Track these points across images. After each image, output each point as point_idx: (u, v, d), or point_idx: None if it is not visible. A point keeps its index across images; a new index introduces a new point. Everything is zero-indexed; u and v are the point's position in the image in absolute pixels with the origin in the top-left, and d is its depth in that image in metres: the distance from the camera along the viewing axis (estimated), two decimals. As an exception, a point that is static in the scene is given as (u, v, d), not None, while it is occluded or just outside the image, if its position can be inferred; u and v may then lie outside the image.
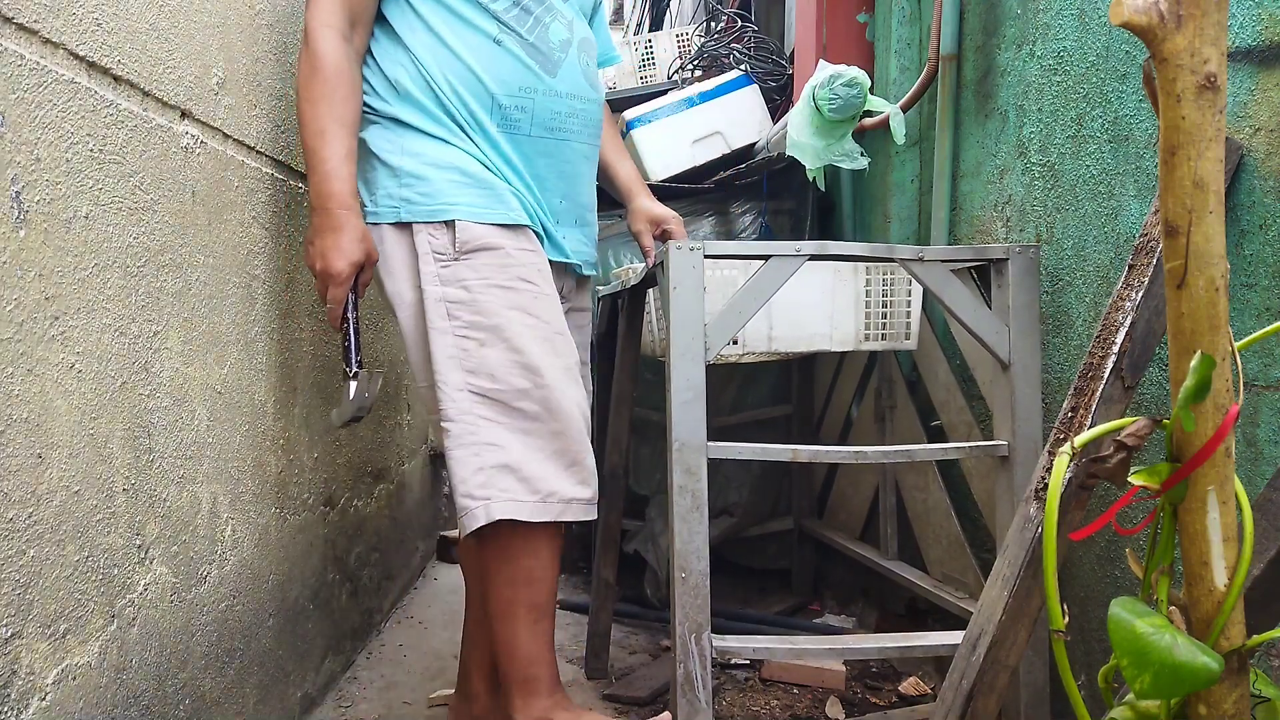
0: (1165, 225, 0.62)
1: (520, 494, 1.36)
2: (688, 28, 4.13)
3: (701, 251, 1.42)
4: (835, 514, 2.40)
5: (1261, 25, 1.12)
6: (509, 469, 1.36)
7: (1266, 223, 1.11)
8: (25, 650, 0.90)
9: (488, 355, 1.37)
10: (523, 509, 1.35)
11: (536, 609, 1.40)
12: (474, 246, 1.39)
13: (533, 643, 1.40)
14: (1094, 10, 1.45)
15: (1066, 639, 0.70)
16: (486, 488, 1.35)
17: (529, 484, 1.36)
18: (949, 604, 1.72)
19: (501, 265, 1.40)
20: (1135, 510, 1.34)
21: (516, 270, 1.40)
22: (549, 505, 1.37)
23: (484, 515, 1.35)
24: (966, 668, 1.13)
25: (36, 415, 0.92)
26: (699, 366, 1.41)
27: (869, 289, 1.73)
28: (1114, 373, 1.14)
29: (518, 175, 1.46)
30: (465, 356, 1.37)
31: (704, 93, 2.74)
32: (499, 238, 1.40)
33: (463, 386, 1.37)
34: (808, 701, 1.83)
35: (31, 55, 0.91)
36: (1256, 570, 0.90)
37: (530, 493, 1.36)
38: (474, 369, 1.37)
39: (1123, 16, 0.60)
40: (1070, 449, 0.74)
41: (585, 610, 2.33)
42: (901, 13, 2.11)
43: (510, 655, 1.40)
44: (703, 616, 1.39)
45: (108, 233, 1.04)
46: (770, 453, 1.53)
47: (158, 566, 1.16)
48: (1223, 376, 0.62)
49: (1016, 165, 1.67)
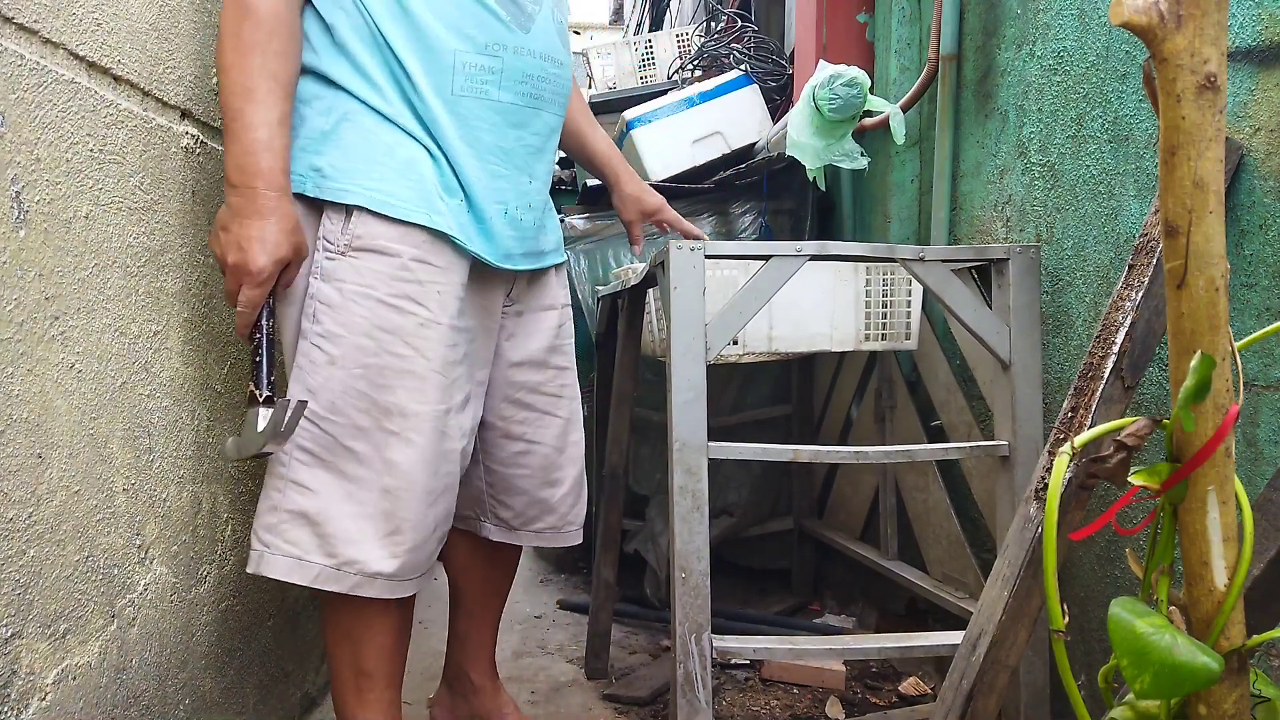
0: (1165, 225, 0.62)
1: (310, 553, 1.16)
2: (688, 28, 4.13)
3: (702, 251, 1.42)
4: (835, 514, 2.40)
5: (1261, 25, 1.12)
6: (307, 520, 1.17)
7: (1266, 223, 1.11)
8: (25, 650, 0.90)
9: (333, 377, 1.16)
10: (304, 572, 1.16)
11: (362, 675, 1.24)
12: (364, 245, 1.17)
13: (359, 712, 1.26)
14: (1094, 10, 1.45)
15: (1066, 639, 0.70)
16: (272, 532, 1.17)
17: (326, 544, 1.16)
18: (949, 604, 1.72)
19: (391, 276, 1.18)
20: (1135, 510, 1.34)
21: (408, 287, 1.18)
22: (342, 575, 1.17)
23: (253, 564, 1.18)
24: (966, 668, 1.13)
25: (36, 415, 0.92)
26: (699, 366, 1.41)
27: (869, 289, 1.73)
28: (1114, 373, 1.14)
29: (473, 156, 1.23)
30: (309, 370, 1.17)
31: (704, 93, 2.74)
32: (400, 243, 1.18)
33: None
34: (808, 701, 1.83)
35: (31, 55, 0.91)
36: (1256, 570, 0.90)
37: (325, 555, 1.16)
38: (314, 388, 1.17)
39: (1123, 16, 0.60)
40: (1070, 449, 0.73)
41: (585, 610, 2.33)
42: (901, 13, 2.11)
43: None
44: (703, 617, 1.39)
45: (108, 233, 1.04)
46: (771, 453, 1.53)
47: (158, 566, 1.16)
48: (1223, 376, 0.62)
49: (1016, 165, 1.67)
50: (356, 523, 1.17)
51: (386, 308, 1.18)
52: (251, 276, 1.11)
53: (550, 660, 2.08)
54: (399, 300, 1.18)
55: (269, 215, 1.11)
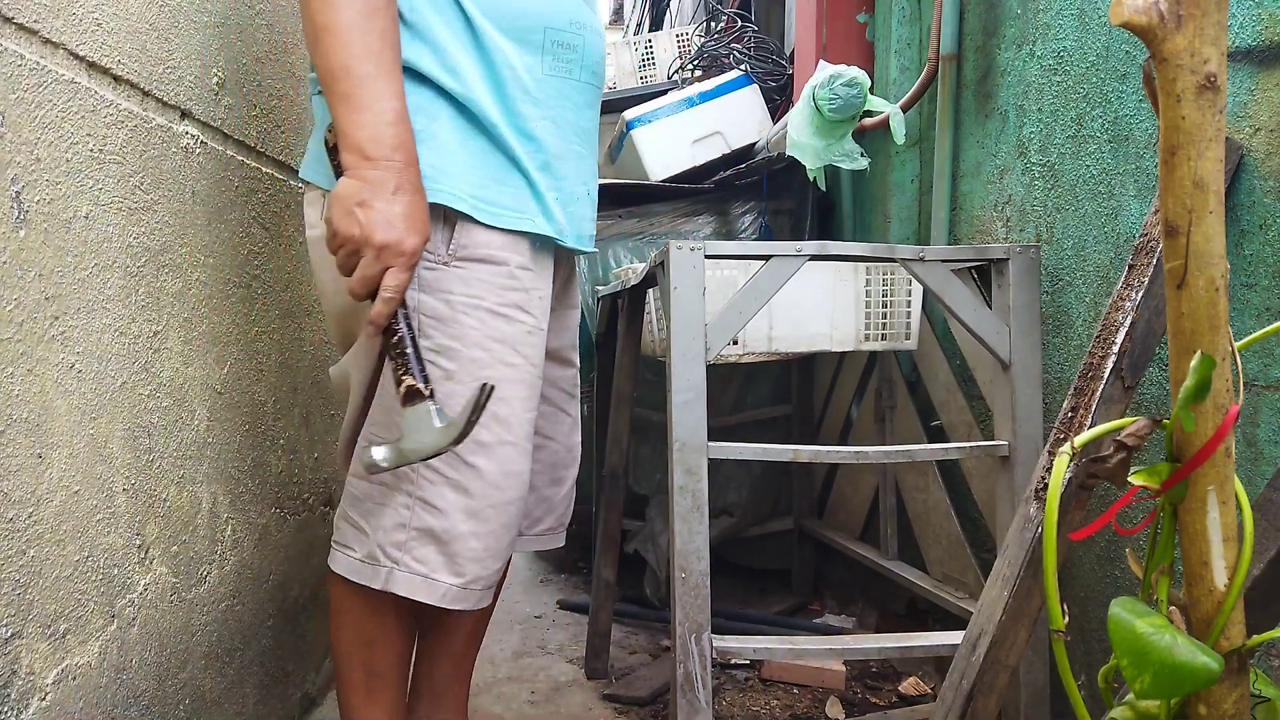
0: (1165, 225, 0.62)
1: (438, 571, 1.14)
2: (688, 28, 4.13)
3: (702, 252, 1.42)
4: (835, 514, 2.40)
5: (1261, 25, 1.12)
6: (435, 539, 1.14)
7: (1266, 223, 1.11)
8: (25, 650, 0.90)
9: (453, 392, 1.11)
10: (432, 591, 1.14)
11: (374, 676, 1.22)
12: (472, 255, 1.12)
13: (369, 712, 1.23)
14: (1094, 10, 1.45)
15: (1066, 639, 0.70)
16: (401, 550, 1.14)
17: (453, 564, 1.14)
18: (949, 604, 1.72)
19: (500, 286, 1.14)
20: (1135, 510, 1.34)
21: (516, 296, 1.15)
22: (468, 593, 1.16)
23: (382, 581, 1.15)
24: (966, 668, 1.13)
25: (36, 415, 0.92)
26: (699, 367, 1.41)
27: (869, 289, 1.73)
28: (1114, 373, 1.14)
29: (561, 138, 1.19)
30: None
31: (704, 93, 2.74)
32: (506, 250, 1.14)
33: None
34: (808, 701, 1.83)
35: (31, 55, 0.91)
36: (1256, 570, 0.90)
37: (452, 574, 1.14)
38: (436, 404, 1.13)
39: (1123, 16, 0.60)
40: (1070, 449, 0.74)
41: (585, 610, 2.33)
42: (901, 13, 2.11)
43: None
44: (703, 617, 1.39)
45: (108, 233, 1.04)
46: (771, 453, 1.53)
47: (158, 566, 1.16)
48: (1223, 376, 0.62)
49: (1016, 165, 1.67)
50: (481, 540, 1.15)
51: (497, 317, 1.14)
52: (405, 257, 1.02)
53: (550, 660, 2.08)
54: (508, 309, 1.15)
55: (415, 191, 1.02)
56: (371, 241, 1.00)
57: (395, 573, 1.14)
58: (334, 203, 1.02)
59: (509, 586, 2.64)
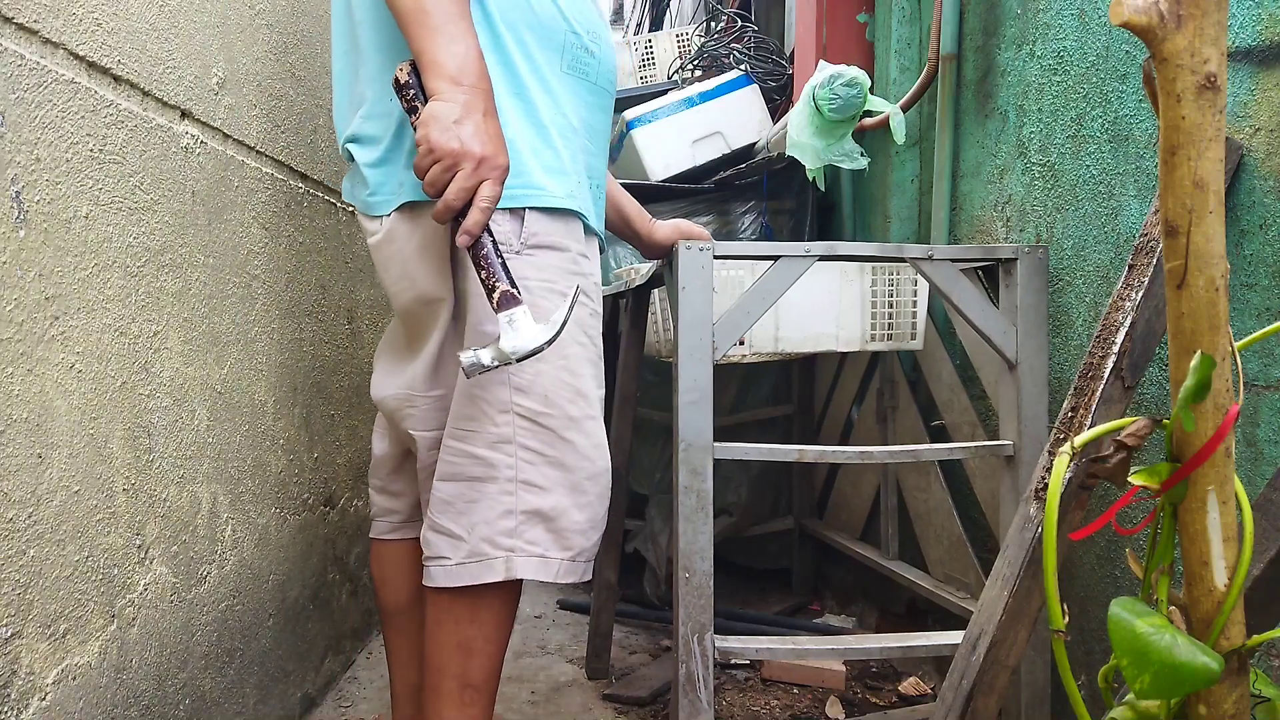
0: (1165, 225, 0.62)
1: (550, 549, 1.18)
2: (688, 28, 4.13)
3: (711, 252, 1.42)
4: (836, 514, 2.40)
5: (1261, 25, 1.12)
6: (543, 517, 1.18)
7: (1266, 223, 1.11)
8: (25, 650, 0.90)
9: (542, 372, 1.16)
10: (548, 568, 1.18)
11: (469, 688, 1.21)
12: (541, 242, 1.18)
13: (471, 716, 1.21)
14: (1094, 10, 1.45)
15: (1066, 639, 0.70)
16: (513, 536, 1.16)
17: (562, 538, 1.18)
18: (949, 604, 1.72)
19: (568, 270, 1.20)
20: (1135, 510, 1.34)
21: (579, 280, 1.21)
22: (576, 565, 1.20)
23: (503, 570, 1.16)
24: (966, 668, 1.13)
25: (36, 415, 0.92)
26: (706, 367, 1.41)
27: (875, 289, 1.73)
28: (1114, 373, 1.14)
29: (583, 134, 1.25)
30: (515, 370, 1.16)
31: (704, 93, 2.74)
32: (568, 238, 1.21)
33: (508, 407, 1.17)
34: (808, 701, 1.83)
35: (31, 55, 0.91)
36: (1256, 570, 0.90)
37: (562, 548, 1.18)
38: (524, 386, 1.17)
39: (1123, 16, 0.59)
40: (1070, 449, 0.73)
41: (585, 610, 2.34)
42: (901, 13, 2.11)
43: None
44: (706, 617, 1.39)
45: (108, 233, 1.04)
46: (776, 453, 1.53)
47: (158, 566, 1.16)
48: (1223, 376, 0.62)
49: (1016, 165, 1.67)
50: (583, 512, 1.20)
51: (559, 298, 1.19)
52: (500, 170, 1.07)
53: (550, 660, 2.08)
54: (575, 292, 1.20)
55: (496, 116, 1.08)
56: (471, 154, 1.05)
57: (514, 559, 1.17)
58: (430, 122, 1.05)
59: (509, 586, 2.64)
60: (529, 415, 1.17)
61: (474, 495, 1.18)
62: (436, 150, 1.05)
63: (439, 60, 1.06)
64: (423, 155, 1.06)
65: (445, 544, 1.19)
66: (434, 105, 1.05)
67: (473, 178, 1.05)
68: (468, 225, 1.07)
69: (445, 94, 1.05)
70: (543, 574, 1.18)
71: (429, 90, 1.07)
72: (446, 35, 1.06)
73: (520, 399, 1.17)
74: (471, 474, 1.18)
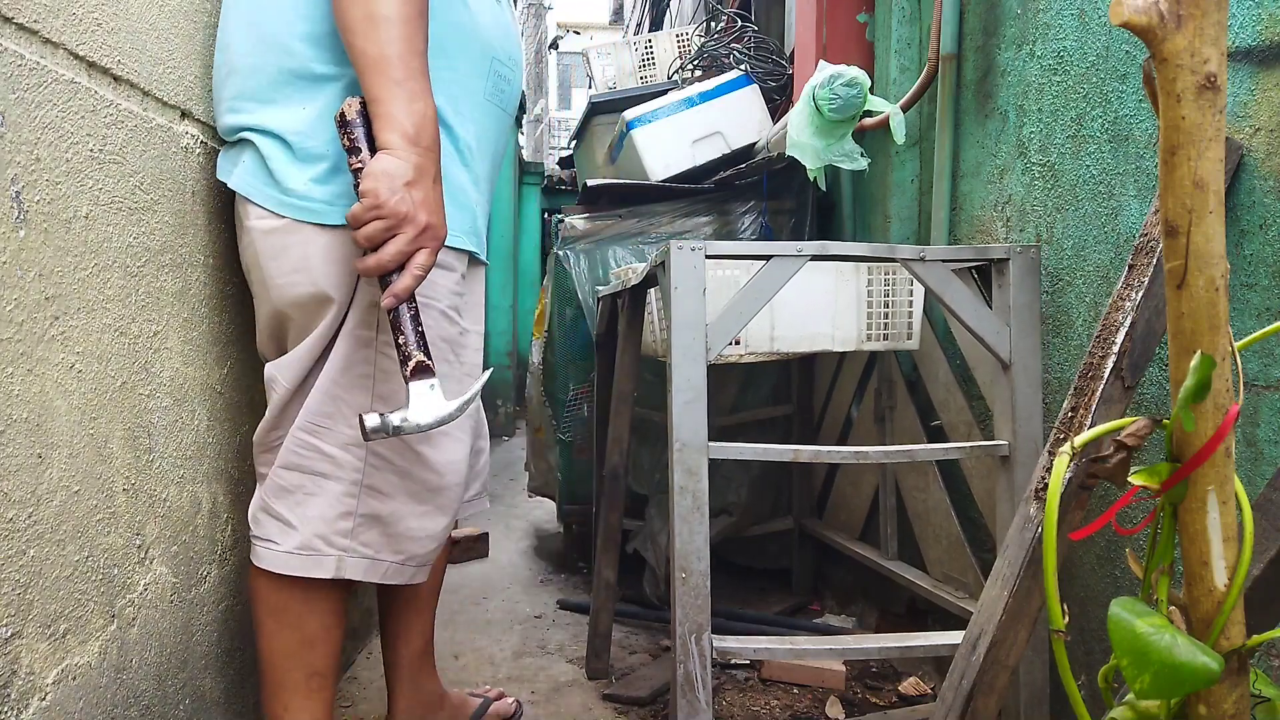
0: (1165, 225, 0.62)
1: (382, 551, 1.22)
2: (688, 28, 4.13)
3: (703, 251, 1.42)
4: (835, 514, 2.40)
5: (1261, 25, 1.12)
6: (380, 521, 1.22)
7: (1266, 223, 1.11)
8: (25, 650, 0.90)
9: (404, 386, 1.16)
10: (376, 569, 1.23)
11: (315, 675, 1.24)
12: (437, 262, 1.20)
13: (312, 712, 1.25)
14: (1094, 10, 1.45)
15: (1066, 639, 0.70)
16: (348, 537, 1.20)
17: (395, 542, 1.23)
18: (949, 604, 1.72)
19: (449, 290, 1.24)
20: (1135, 510, 1.34)
21: (458, 301, 1.27)
22: (404, 569, 1.25)
23: (334, 569, 1.20)
24: (966, 668, 1.13)
25: (36, 415, 0.92)
26: (700, 367, 1.41)
27: (871, 289, 1.73)
28: (1114, 373, 1.14)
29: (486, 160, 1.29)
30: (380, 379, 1.18)
31: (704, 93, 2.74)
32: (455, 259, 1.25)
33: (366, 409, 1.18)
34: (808, 701, 1.83)
35: (31, 55, 0.91)
36: (1256, 570, 0.90)
37: (393, 552, 1.23)
38: (386, 396, 1.19)
39: (1123, 16, 0.60)
40: (1070, 449, 0.74)
41: (585, 610, 2.34)
42: (901, 13, 2.11)
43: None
44: (703, 617, 1.39)
45: (108, 233, 1.04)
46: (772, 453, 1.53)
47: (158, 566, 1.16)
48: (1223, 376, 0.62)
49: (1016, 165, 1.67)
50: (419, 520, 1.24)
51: (444, 319, 1.24)
52: (438, 242, 1.09)
53: (550, 660, 2.08)
54: (452, 312, 1.26)
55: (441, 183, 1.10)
56: (417, 221, 1.05)
57: (346, 559, 1.20)
58: (382, 177, 1.04)
59: (509, 586, 2.65)
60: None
61: (314, 490, 1.20)
62: (384, 209, 1.04)
63: (396, 116, 1.05)
64: (366, 208, 1.04)
65: (276, 528, 1.21)
66: (387, 160, 1.04)
67: (413, 244, 1.06)
68: (397, 289, 1.07)
69: (399, 151, 1.05)
70: (371, 575, 1.22)
71: (381, 141, 1.06)
72: (408, 92, 1.05)
73: (380, 406, 1.18)
74: (317, 469, 1.19)
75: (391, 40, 1.05)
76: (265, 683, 1.26)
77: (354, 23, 1.06)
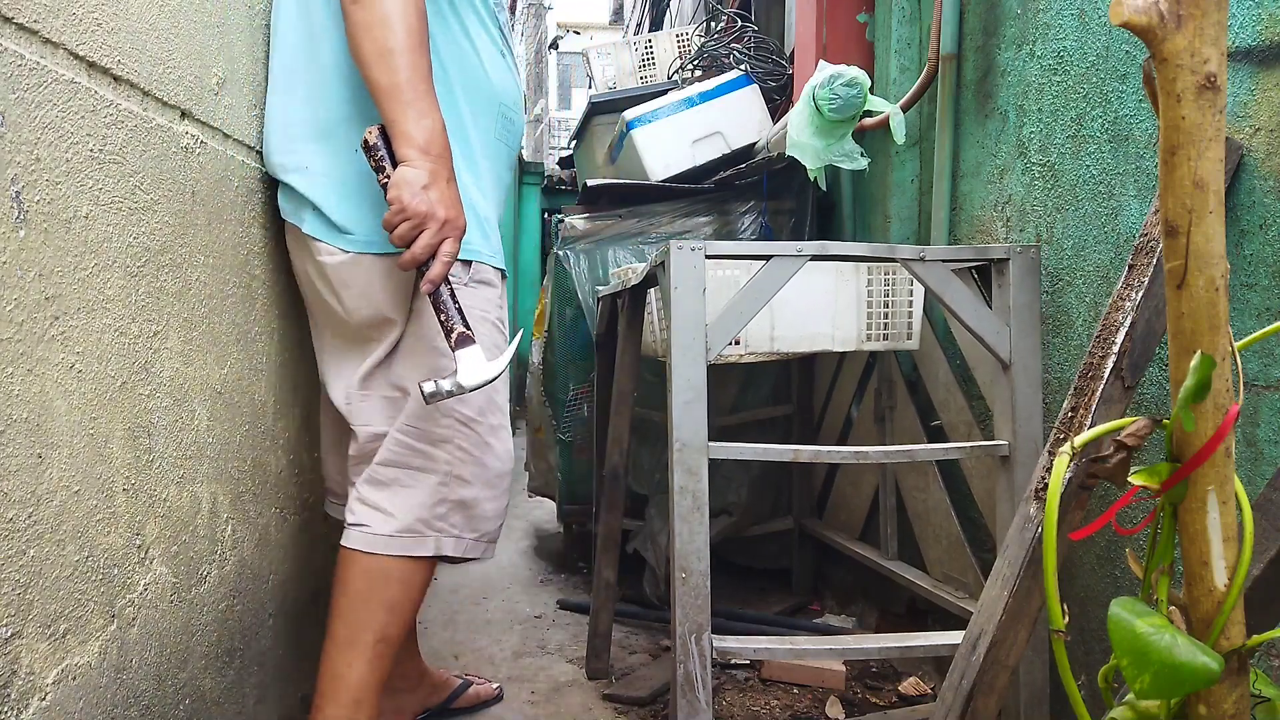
0: (1165, 225, 0.62)
1: (464, 531, 1.41)
2: (688, 28, 4.13)
3: (703, 252, 1.42)
4: (835, 514, 2.40)
5: (1261, 25, 1.12)
6: (464, 506, 1.40)
7: (1266, 223, 1.11)
8: (25, 650, 0.90)
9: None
10: (459, 546, 1.41)
11: (384, 641, 1.37)
12: (482, 279, 1.43)
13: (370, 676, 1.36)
14: (1094, 10, 1.45)
15: (1066, 639, 0.70)
16: (443, 521, 1.39)
17: (473, 523, 1.42)
18: (949, 604, 1.72)
19: (494, 304, 1.46)
20: (1135, 510, 1.34)
21: (500, 313, 1.47)
22: (478, 544, 1.44)
23: (434, 548, 1.38)
24: (966, 668, 1.13)
25: (36, 415, 0.92)
26: (700, 367, 1.41)
27: (871, 289, 1.73)
28: (1114, 373, 1.14)
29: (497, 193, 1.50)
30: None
31: (704, 93, 2.74)
32: (495, 279, 1.47)
33: (451, 413, 1.38)
34: (808, 701, 1.83)
35: (31, 55, 0.91)
36: (1256, 570, 0.90)
37: (472, 531, 1.42)
38: (465, 399, 1.38)
39: (1123, 16, 0.60)
40: (1070, 449, 0.74)
41: (585, 610, 2.34)
42: (901, 13, 2.11)
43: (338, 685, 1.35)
44: (703, 617, 1.39)
45: (108, 233, 1.04)
46: (771, 453, 1.53)
47: (158, 566, 1.16)
48: (1223, 376, 0.62)
49: (1016, 165, 1.67)
50: (491, 503, 1.44)
51: (496, 330, 1.45)
52: (459, 231, 1.27)
53: (550, 660, 2.08)
54: (498, 323, 1.47)
55: (455, 182, 1.28)
56: (436, 216, 1.24)
57: (442, 539, 1.40)
58: (403, 185, 1.23)
59: (509, 586, 2.64)
60: (465, 421, 1.39)
61: (411, 482, 1.39)
62: (408, 210, 1.23)
63: (410, 132, 1.23)
64: (394, 213, 1.24)
65: (373, 516, 1.39)
66: (405, 171, 1.23)
67: (437, 236, 1.24)
68: (431, 275, 1.26)
69: (415, 161, 1.23)
70: (458, 551, 1.41)
71: (400, 156, 1.24)
72: (416, 110, 1.23)
73: (461, 408, 1.39)
74: (413, 464, 1.39)
75: (399, 69, 1.22)
76: (333, 638, 1.38)
77: (367, 57, 1.24)
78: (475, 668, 2.02)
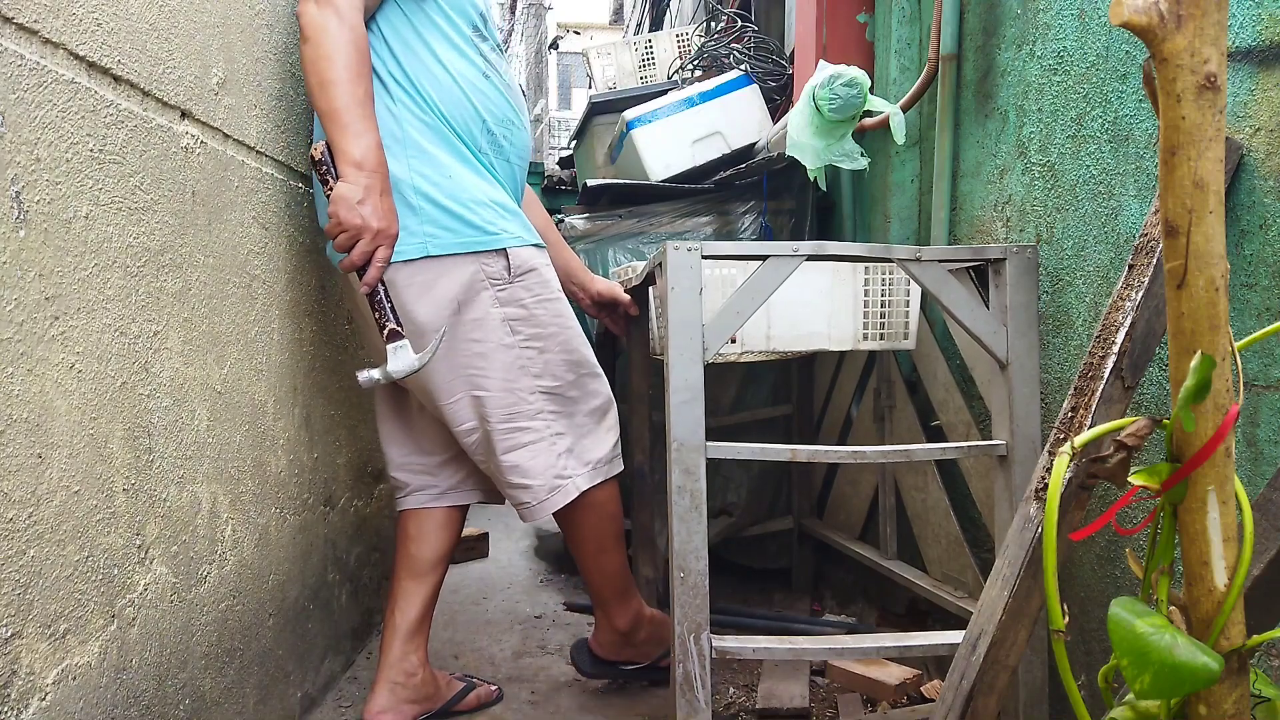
0: (1165, 225, 0.62)
1: (578, 469, 1.65)
2: (688, 28, 4.13)
3: (699, 252, 1.42)
4: (835, 514, 2.40)
5: (1261, 25, 1.12)
6: (570, 453, 1.65)
7: (1266, 223, 1.11)
8: (25, 650, 0.90)
9: (551, 360, 1.63)
10: (588, 479, 1.66)
11: (617, 537, 1.75)
12: (523, 269, 1.59)
13: (621, 560, 1.77)
14: (1094, 10, 1.45)
15: (1066, 639, 0.70)
16: (567, 470, 1.64)
17: (580, 458, 1.66)
18: (949, 604, 1.72)
19: (544, 282, 1.63)
20: (1135, 510, 1.34)
21: (553, 284, 1.65)
22: (597, 470, 1.68)
23: (574, 491, 1.64)
24: (966, 668, 1.13)
25: (36, 415, 0.92)
26: (697, 366, 1.41)
27: (868, 289, 1.73)
28: (1114, 373, 1.14)
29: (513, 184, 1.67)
30: (531, 364, 1.61)
31: (704, 93, 2.74)
32: (535, 258, 1.62)
33: (534, 390, 1.60)
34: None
35: (31, 55, 0.91)
36: (1256, 570, 0.90)
37: (582, 464, 1.66)
38: (540, 373, 1.62)
39: (1123, 16, 0.60)
40: (1070, 449, 0.74)
41: (588, 610, 2.34)
42: (901, 13, 2.11)
43: (608, 576, 1.76)
44: (702, 616, 1.39)
45: (108, 233, 1.04)
46: (769, 453, 1.53)
47: (158, 566, 1.16)
48: (1223, 376, 0.62)
49: (1016, 165, 1.67)
50: (585, 438, 1.67)
51: (551, 302, 1.64)
52: (390, 239, 1.44)
53: (550, 660, 2.08)
54: (553, 294, 1.65)
55: (389, 194, 1.45)
56: (370, 228, 1.41)
57: (575, 480, 1.64)
58: (339, 201, 1.40)
59: (509, 587, 2.64)
60: (548, 391, 1.62)
61: (531, 456, 1.63)
62: (344, 224, 1.40)
63: (347, 150, 1.41)
64: (333, 226, 1.42)
65: (522, 493, 1.64)
66: (342, 186, 1.41)
67: (370, 245, 1.42)
68: (367, 279, 1.44)
69: (351, 177, 1.41)
70: (590, 482, 1.65)
71: (340, 172, 1.42)
72: (353, 131, 1.41)
73: (539, 383, 1.62)
74: (524, 442, 1.62)
75: (338, 97, 1.41)
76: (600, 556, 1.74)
77: (311, 88, 1.44)
78: (475, 668, 2.02)
